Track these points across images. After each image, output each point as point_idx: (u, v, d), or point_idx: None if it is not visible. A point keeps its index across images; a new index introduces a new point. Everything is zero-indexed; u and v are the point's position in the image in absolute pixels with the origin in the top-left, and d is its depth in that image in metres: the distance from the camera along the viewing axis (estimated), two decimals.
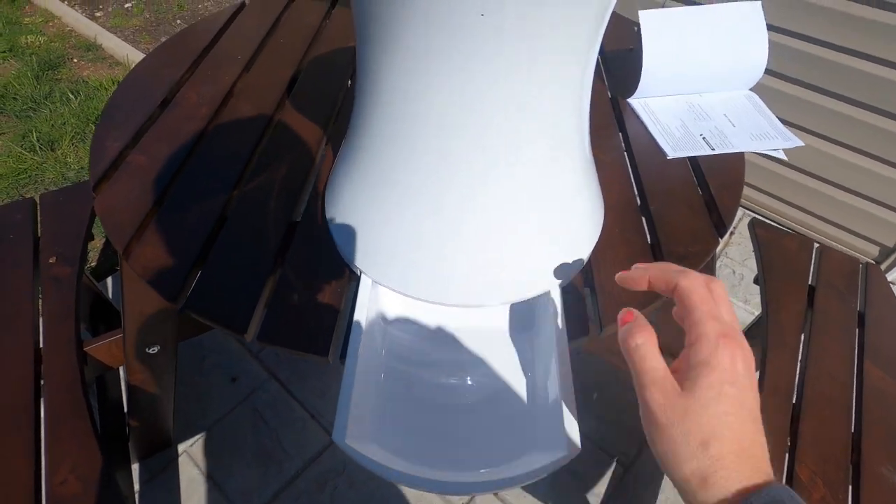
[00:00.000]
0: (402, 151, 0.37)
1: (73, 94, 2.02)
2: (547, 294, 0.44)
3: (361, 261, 0.47)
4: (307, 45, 0.83)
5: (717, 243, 0.58)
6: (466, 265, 0.42)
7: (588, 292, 0.52)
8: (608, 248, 0.54)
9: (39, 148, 1.80)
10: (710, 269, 0.68)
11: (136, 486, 1.02)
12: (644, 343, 0.29)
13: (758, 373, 0.81)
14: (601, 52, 0.88)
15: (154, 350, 0.83)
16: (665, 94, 0.75)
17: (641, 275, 0.32)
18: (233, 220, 0.56)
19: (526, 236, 0.42)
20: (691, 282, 0.29)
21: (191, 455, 1.07)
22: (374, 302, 0.45)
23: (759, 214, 1.58)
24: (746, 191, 1.54)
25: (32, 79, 2.08)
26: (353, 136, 0.43)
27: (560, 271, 0.45)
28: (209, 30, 0.83)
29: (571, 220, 0.45)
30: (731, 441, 0.25)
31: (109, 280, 1.38)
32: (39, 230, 0.92)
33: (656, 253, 0.56)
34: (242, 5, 0.91)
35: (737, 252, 1.52)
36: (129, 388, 0.88)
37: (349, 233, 0.46)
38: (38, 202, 0.96)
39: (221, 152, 0.63)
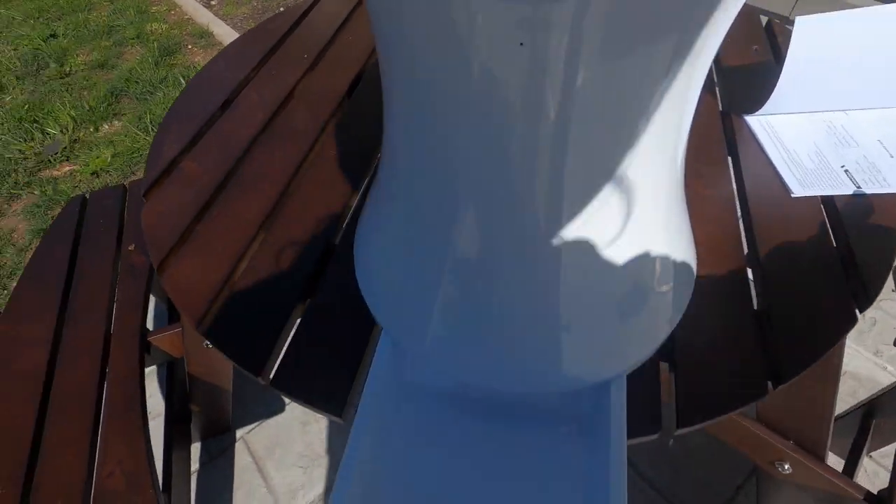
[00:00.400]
0: (441, 211, 0.30)
1: (184, 78, 2.17)
2: (606, 385, 0.34)
3: (386, 319, 0.40)
4: (374, 45, 0.78)
5: (855, 321, 0.44)
6: (507, 345, 0.34)
7: (666, 369, 0.42)
8: (697, 312, 0.43)
9: (151, 129, 1.95)
10: (838, 356, 0.53)
11: (195, 466, 1.06)
12: None
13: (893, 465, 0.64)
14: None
15: (210, 345, 0.84)
16: (798, 111, 0.60)
17: None
18: (266, 241, 0.52)
19: (585, 314, 0.33)
20: None
21: (247, 442, 1.10)
22: (395, 361, 0.39)
23: None
24: None
25: (152, 64, 2.27)
26: (385, 183, 0.36)
27: (627, 354, 0.35)
28: (280, 27, 0.81)
29: (647, 292, 0.35)
30: None
31: None
32: (125, 215, 0.97)
33: (763, 325, 0.43)
34: (316, 0, 0.88)
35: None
36: (189, 377, 0.91)
37: (375, 287, 0.40)
38: (127, 188, 1.02)
39: (268, 165, 0.60)
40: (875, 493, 0.61)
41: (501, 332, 0.34)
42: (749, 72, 0.66)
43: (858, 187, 0.52)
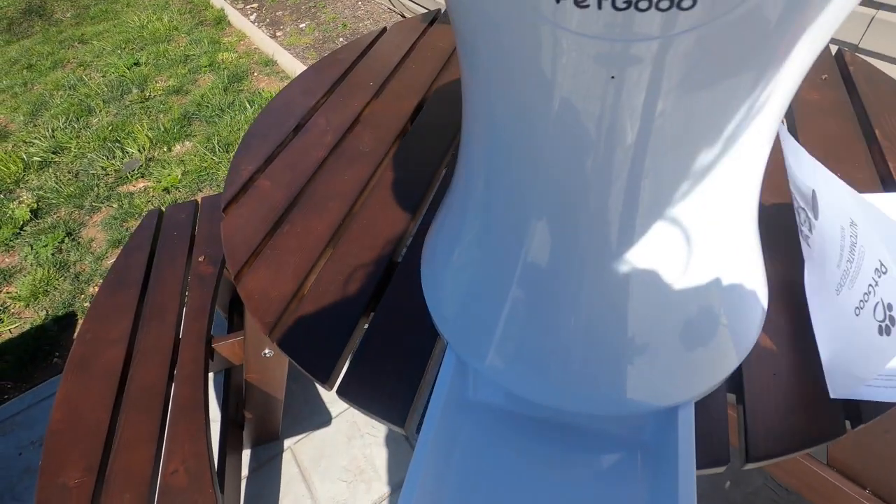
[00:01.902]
0: (513, 232, 0.31)
1: (249, 103, 2.32)
2: (675, 412, 0.34)
3: (453, 336, 0.41)
4: (437, 71, 0.82)
5: None
6: (574, 366, 0.34)
7: (734, 401, 0.41)
8: (771, 343, 0.42)
9: (218, 150, 2.09)
10: None
11: (245, 472, 1.10)
12: None
13: None
14: None
15: (269, 353, 0.88)
16: None
17: None
18: (334, 256, 0.55)
19: (654, 339, 0.33)
20: None
21: (294, 452, 1.12)
22: (459, 378, 0.40)
23: None
24: None
25: (222, 90, 2.44)
26: (457, 201, 0.38)
27: (695, 382, 0.35)
28: (349, 56, 0.86)
29: (716, 321, 0.34)
30: None
31: None
32: (196, 229, 1.05)
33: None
34: (384, 30, 0.93)
35: None
36: (246, 384, 0.95)
37: (442, 303, 0.41)
38: (199, 203, 1.09)
39: (336, 185, 0.64)
40: None
41: (568, 354, 0.34)
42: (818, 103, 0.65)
43: None
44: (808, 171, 0.41)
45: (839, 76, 0.72)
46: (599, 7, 0.17)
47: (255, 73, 2.56)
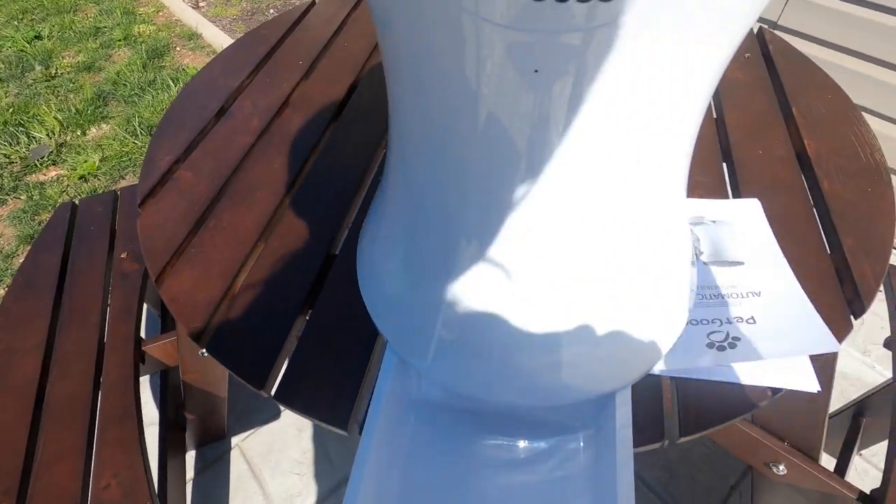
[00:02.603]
0: (444, 230, 0.30)
1: (173, 81, 2.15)
2: (611, 397, 0.35)
3: (393, 336, 0.40)
4: (371, 49, 0.78)
5: (850, 328, 0.45)
6: (512, 360, 0.34)
7: (669, 382, 0.42)
8: None
9: (140, 132, 1.93)
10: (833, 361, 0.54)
11: (191, 475, 1.05)
12: None
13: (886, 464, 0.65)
14: None
15: (206, 353, 0.83)
16: None
17: None
18: (265, 252, 0.52)
19: (589, 330, 0.33)
20: None
21: (242, 450, 1.09)
22: (401, 377, 0.39)
23: None
24: None
25: (140, 67, 2.24)
26: (388, 200, 0.36)
27: (630, 368, 0.35)
28: (274, 33, 0.80)
29: (646, 310, 0.35)
30: None
31: None
32: (117, 223, 0.96)
33: None
34: (312, 4, 0.88)
35: None
36: (184, 384, 0.90)
37: (381, 301, 0.40)
38: (118, 194, 1.01)
39: (265, 172, 0.60)
40: (868, 492, 0.62)
41: (505, 349, 0.34)
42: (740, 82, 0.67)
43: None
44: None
45: (759, 54, 0.75)
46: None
47: (178, 48, 2.37)
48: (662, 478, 1.01)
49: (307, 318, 0.47)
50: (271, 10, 2.59)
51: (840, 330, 0.44)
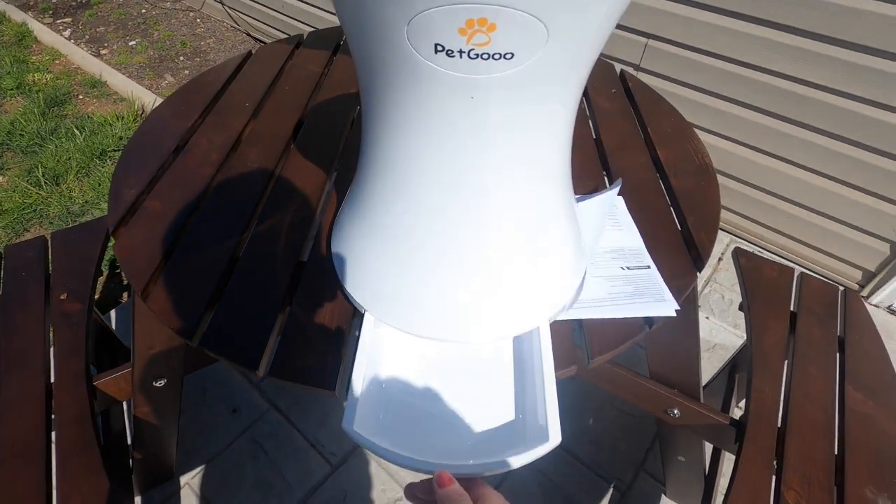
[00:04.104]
0: (407, 207, 0.41)
1: (78, 129, 2.08)
2: (536, 329, 0.48)
3: (365, 301, 0.50)
4: (311, 91, 0.89)
5: (695, 278, 0.62)
6: (462, 307, 0.46)
7: (576, 326, 0.56)
8: None
9: (45, 183, 1.84)
10: (694, 298, 0.72)
11: None
12: None
13: (745, 398, 0.84)
14: (586, 94, 0.95)
15: (161, 383, 0.85)
16: None
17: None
18: (244, 261, 0.60)
19: (516, 281, 0.46)
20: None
21: (192, 487, 1.08)
22: (376, 339, 0.49)
23: (743, 240, 1.63)
24: (731, 217, 1.59)
25: (38, 115, 2.14)
26: (359, 187, 0.47)
27: (549, 306, 0.49)
28: (218, 79, 0.88)
29: (557, 265, 0.49)
30: None
31: (113, 313, 1.40)
32: (50, 267, 0.96)
33: None
34: (249, 54, 0.97)
35: (725, 278, 1.56)
36: (135, 420, 0.90)
37: (354, 275, 0.50)
38: (48, 240, 1.00)
39: (232, 197, 0.68)
40: (737, 419, 0.80)
41: (456, 299, 0.46)
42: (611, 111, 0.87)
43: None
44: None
45: (622, 90, 0.97)
46: (460, 56, 0.29)
47: (81, 96, 2.30)
48: (591, 451, 1.15)
49: (286, 314, 0.56)
50: (181, 58, 2.60)
51: (689, 279, 0.61)
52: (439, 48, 0.29)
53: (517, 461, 0.38)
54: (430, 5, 0.26)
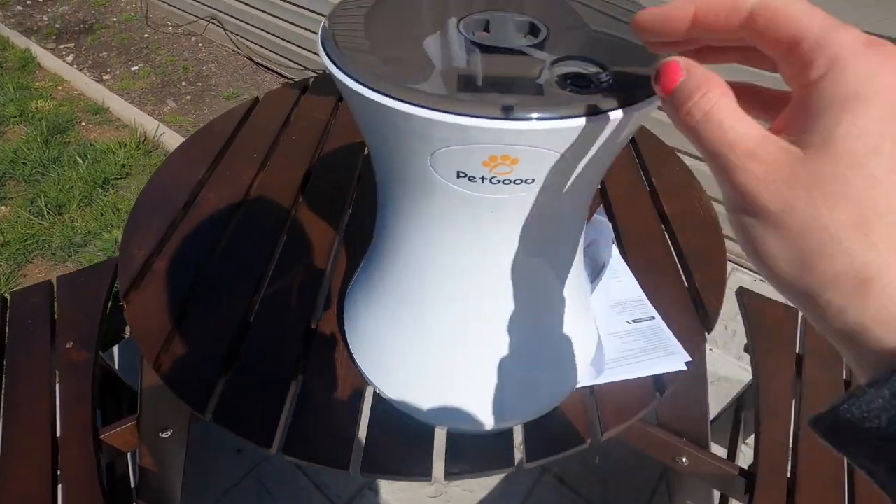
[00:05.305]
0: (422, 298, 0.42)
1: (80, 157, 2.08)
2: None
3: (379, 381, 0.51)
4: (318, 140, 0.90)
5: (705, 339, 0.62)
6: (475, 396, 0.46)
7: (587, 392, 0.56)
8: None
9: (47, 213, 1.84)
10: (703, 349, 0.71)
11: None
12: (718, 102, 0.18)
13: (754, 444, 0.84)
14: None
15: (167, 434, 0.85)
16: None
17: (680, 12, 0.19)
18: (254, 327, 0.60)
19: (525, 370, 0.46)
20: None
21: None
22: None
23: (745, 267, 1.64)
24: (730, 244, 1.60)
25: (41, 143, 2.15)
26: (373, 268, 0.48)
27: (557, 394, 0.49)
28: (226, 128, 0.89)
29: (572, 349, 0.50)
30: None
31: (116, 349, 1.40)
32: (56, 313, 0.96)
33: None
34: (256, 100, 0.98)
35: (728, 308, 1.56)
36: (141, 470, 0.90)
37: (368, 354, 0.50)
38: (54, 284, 1.00)
39: (240, 257, 0.68)
40: (746, 468, 0.80)
41: (475, 386, 0.46)
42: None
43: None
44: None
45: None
46: (482, 182, 0.29)
47: (83, 123, 2.31)
48: (599, 490, 1.15)
49: (299, 385, 0.56)
50: (183, 83, 2.62)
51: (699, 340, 0.62)
52: (461, 174, 0.29)
53: None
54: (455, 143, 0.27)
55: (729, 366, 1.42)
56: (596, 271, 0.65)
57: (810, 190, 0.16)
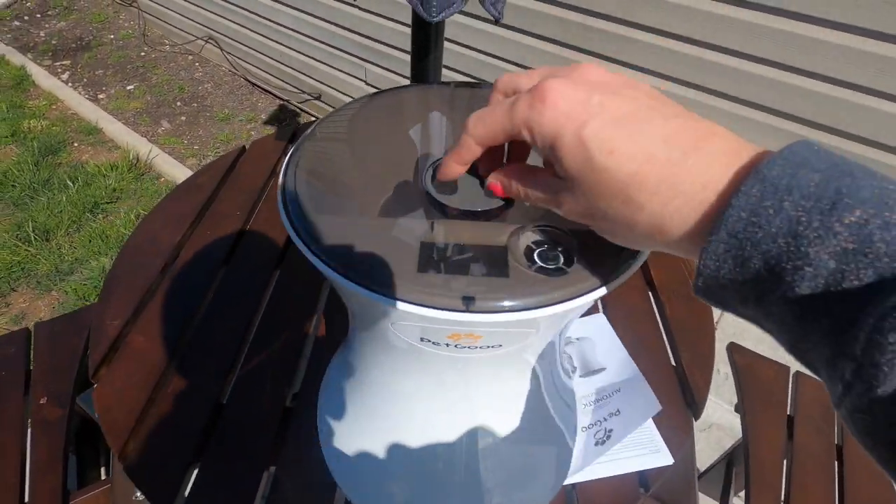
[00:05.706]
0: (390, 416, 0.40)
1: (71, 180, 2.06)
2: None
3: (348, 487, 0.49)
4: None
5: (692, 428, 0.61)
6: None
7: (570, 488, 0.54)
8: None
9: (34, 238, 1.82)
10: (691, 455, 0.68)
11: None
12: (521, 182, 0.26)
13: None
14: None
15: (140, 497, 0.82)
16: None
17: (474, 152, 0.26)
18: (227, 409, 0.58)
19: (503, 488, 0.45)
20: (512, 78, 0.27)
21: None
22: None
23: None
24: None
25: (32, 165, 2.13)
26: (347, 372, 0.46)
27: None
28: (210, 181, 0.88)
29: (546, 466, 0.48)
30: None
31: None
32: (32, 363, 0.93)
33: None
34: (243, 150, 0.97)
35: (719, 349, 1.55)
36: None
37: (344, 468, 0.48)
38: (32, 332, 0.98)
39: (217, 332, 0.66)
40: None
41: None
42: None
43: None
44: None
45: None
46: (447, 347, 0.28)
47: (76, 144, 2.30)
48: None
49: (271, 474, 0.54)
50: (178, 103, 2.61)
51: (686, 429, 0.60)
52: (425, 340, 0.28)
53: None
54: (417, 322, 0.25)
55: (721, 412, 1.40)
56: (585, 367, 0.64)
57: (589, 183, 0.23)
